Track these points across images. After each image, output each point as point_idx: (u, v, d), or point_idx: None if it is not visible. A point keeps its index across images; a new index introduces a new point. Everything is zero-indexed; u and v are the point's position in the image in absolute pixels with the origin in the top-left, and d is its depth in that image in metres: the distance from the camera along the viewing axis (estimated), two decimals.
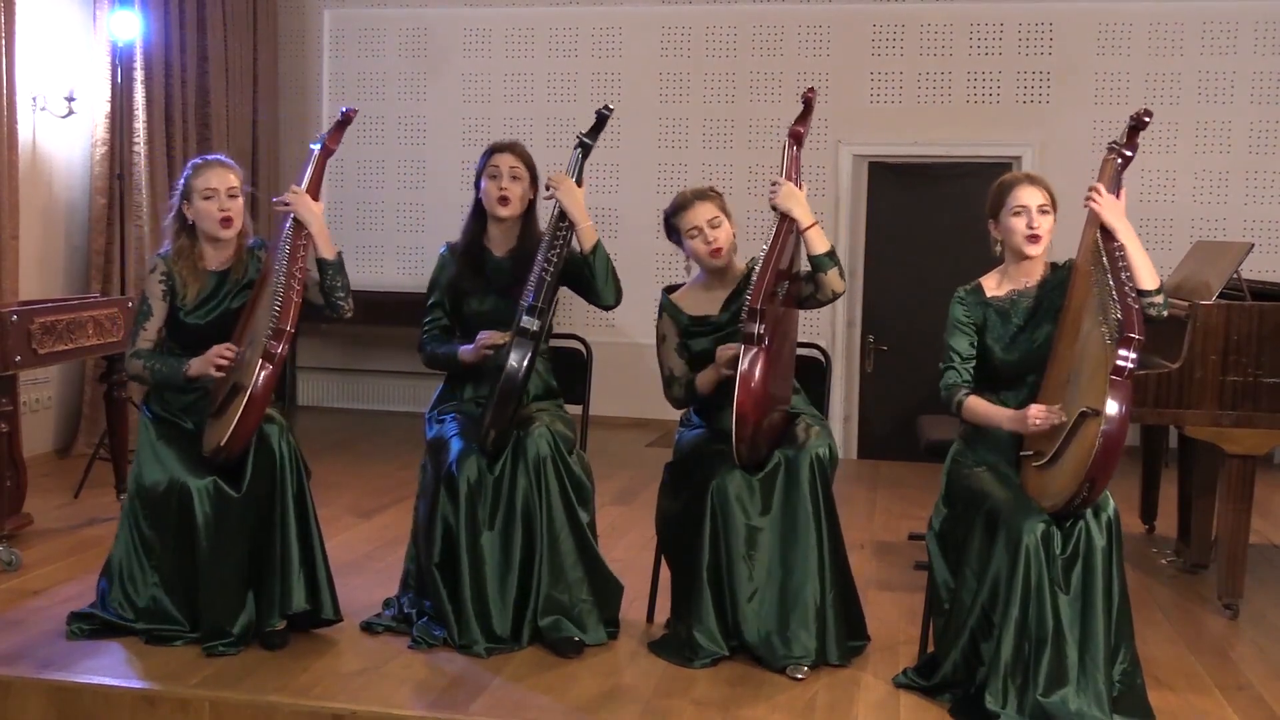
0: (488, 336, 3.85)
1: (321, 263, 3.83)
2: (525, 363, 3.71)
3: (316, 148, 3.90)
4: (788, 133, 3.81)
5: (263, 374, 3.59)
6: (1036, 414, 3.33)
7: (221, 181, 3.83)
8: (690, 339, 3.96)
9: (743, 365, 3.57)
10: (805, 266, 3.80)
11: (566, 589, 3.83)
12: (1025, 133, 7.52)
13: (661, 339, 4.01)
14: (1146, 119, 3.45)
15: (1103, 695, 3.28)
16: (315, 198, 3.82)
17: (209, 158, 3.96)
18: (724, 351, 3.74)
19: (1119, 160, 3.50)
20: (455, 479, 3.77)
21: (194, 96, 7.47)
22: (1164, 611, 4.41)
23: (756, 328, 3.57)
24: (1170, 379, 4.27)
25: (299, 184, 3.83)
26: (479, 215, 4.06)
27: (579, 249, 3.91)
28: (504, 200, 3.97)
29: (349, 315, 3.92)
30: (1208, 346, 4.24)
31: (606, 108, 3.94)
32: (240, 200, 3.87)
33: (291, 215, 3.78)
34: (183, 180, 3.90)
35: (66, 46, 6.69)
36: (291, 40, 8.48)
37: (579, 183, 3.92)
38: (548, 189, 3.92)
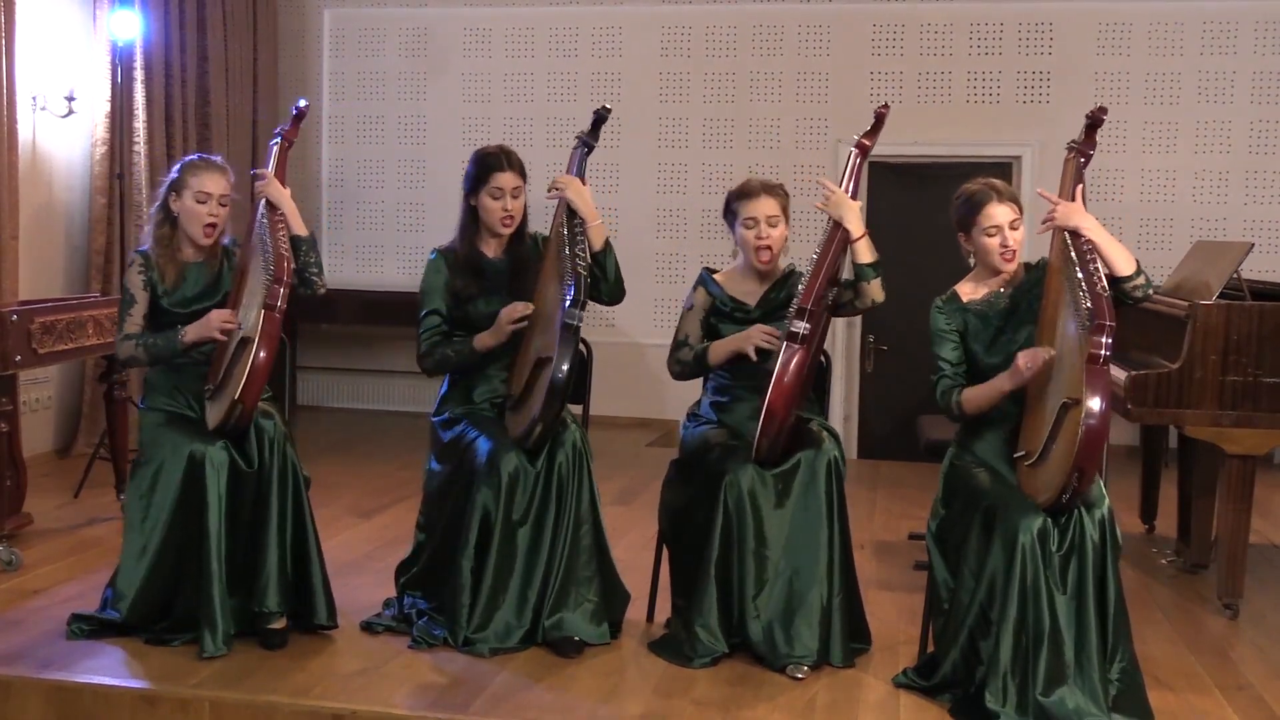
0: (511, 310, 3.85)
1: (295, 240, 3.89)
2: (572, 358, 3.72)
3: (276, 141, 4.01)
4: (854, 144, 3.85)
5: (267, 323, 3.65)
6: (1023, 359, 3.35)
7: (216, 187, 3.90)
8: (720, 320, 3.97)
9: (780, 361, 3.60)
10: (844, 275, 3.82)
11: (575, 587, 3.84)
12: (1025, 133, 7.53)
13: (689, 307, 4.02)
14: (1103, 116, 3.49)
15: (1099, 693, 3.28)
16: (282, 184, 3.92)
17: (208, 158, 4.01)
18: (759, 335, 3.75)
19: (1081, 159, 3.53)
20: (497, 471, 3.76)
21: (194, 96, 7.47)
22: (1164, 611, 4.41)
23: (803, 326, 3.61)
24: (1170, 379, 4.27)
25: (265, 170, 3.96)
26: (475, 221, 4.06)
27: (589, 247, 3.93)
28: (508, 222, 3.99)
29: (323, 292, 4.00)
30: (1208, 346, 4.23)
31: (604, 107, 3.96)
32: (228, 208, 3.96)
33: (264, 200, 3.87)
34: (176, 174, 3.94)
35: (66, 46, 6.68)
36: (291, 40, 8.48)
37: (583, 181, 3.94)
38: (550, 191, 3.93)
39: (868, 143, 3.85)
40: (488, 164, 3.97)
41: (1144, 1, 7.46)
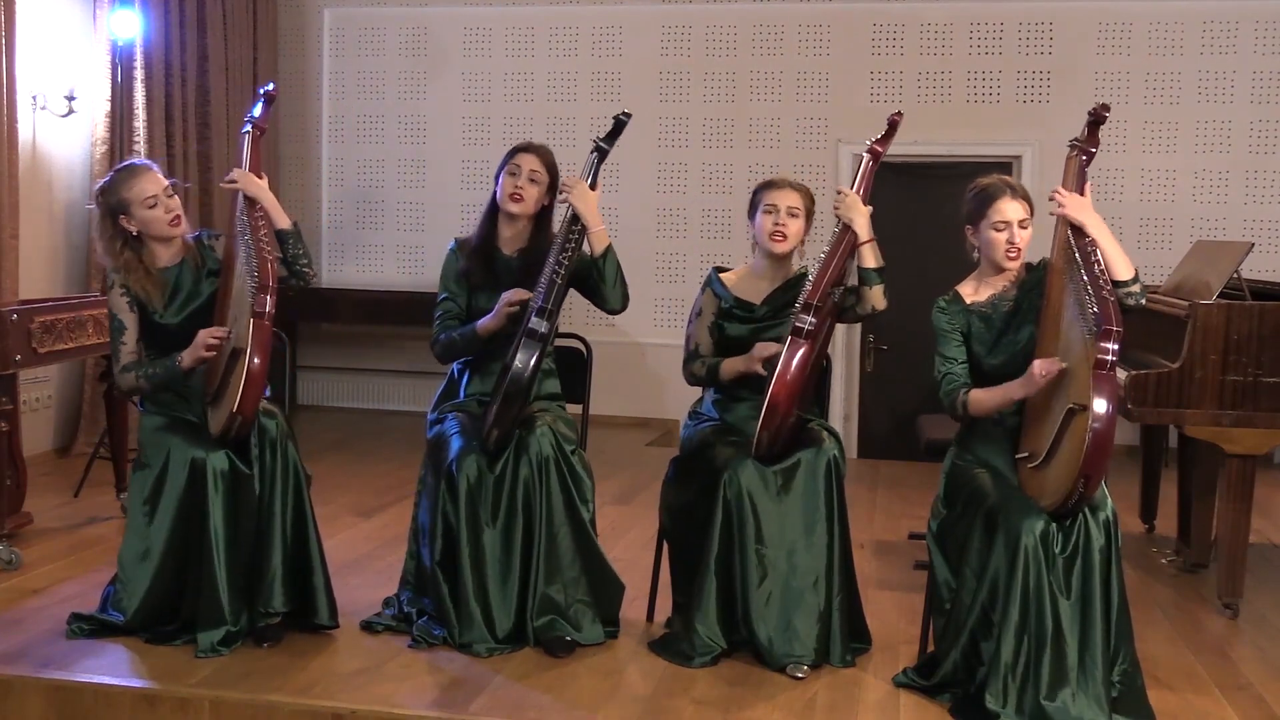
0: (511, 294, 3.83)
1: (281, 234, 3.87)
2: (532, 364, 3.70)
3: (247, 130, 3.95)
4: (867, 148, 3.86)
5: (257, 332, 3.61)
6: (1039, 369, 3.34)
7: (157, 185, 3.83)
8: (727, 320, 3.98)
9: (785, 356, 3.60)
10: (850, 280, 3.82)
11: (562, 587, 3.83)
12: (1025, 133, 7.53)
13: (697, 313, 4.03)
14: (1105, 114, 3.49)
15: (1102, 696, 3.28)
16: (258, 176, 3.87)
17: (133, 164, 3.94)
18: (764, 349, 3.76)
19: (1083, 157, 3.53)
20: (455, 478, 3.78)
21: (194, 96, 7.47)
22: (1164, 611, 4.41)
23: (808, 321, 3.61)
24: (1170, 379, 4.27)
25: (240, 165, 3.91)
26: (493, 212, 4.06)
27: (589, 252, 3.92)
28: (516, 198, 3.96)
29: (314, 281, 4.00)
30: (1208, 346, 4.23)
31: (625, 113, 3.96)
32: (176, 197, 3.89)
33: (241, 196, 3.83)
34: (110, 199, 3.84)
35: (66, 46, 6.69)
36: (291, 39, 8.48)
37: (593, 186, 3.92)
38: (561, 193, 3.92)
39: (880, 148, 3.85)
40: (514, 148, 4.03)
41: (1144, 1, 7.46)
